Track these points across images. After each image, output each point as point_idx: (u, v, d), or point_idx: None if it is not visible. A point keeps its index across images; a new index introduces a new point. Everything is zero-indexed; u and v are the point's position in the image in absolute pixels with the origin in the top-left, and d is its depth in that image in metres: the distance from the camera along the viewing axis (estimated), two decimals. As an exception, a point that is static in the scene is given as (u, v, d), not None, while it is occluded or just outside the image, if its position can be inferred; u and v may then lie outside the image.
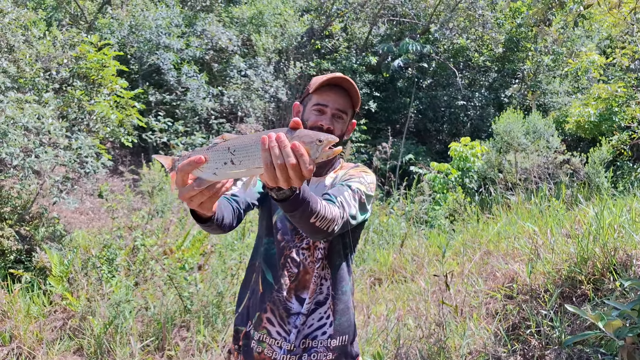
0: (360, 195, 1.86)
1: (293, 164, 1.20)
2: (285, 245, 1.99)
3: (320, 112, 1.96)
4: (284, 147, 1.20)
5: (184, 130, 12.52)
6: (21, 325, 4.37)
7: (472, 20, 16.64)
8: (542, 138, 10.79)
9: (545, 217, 5.64)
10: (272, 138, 1.21)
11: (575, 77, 17.01)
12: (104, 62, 7.40)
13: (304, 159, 1.21)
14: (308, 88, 2.05)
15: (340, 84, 1.96)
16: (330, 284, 1.99)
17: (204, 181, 1.30)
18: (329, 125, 1.93)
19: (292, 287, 1.97)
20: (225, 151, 1.26)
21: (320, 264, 1.97)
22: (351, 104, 2.01)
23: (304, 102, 2.06)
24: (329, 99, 1.96)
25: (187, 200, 1.34)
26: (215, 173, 1.28)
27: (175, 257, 5.01)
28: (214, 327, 4.34)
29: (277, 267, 1.99)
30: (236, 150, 1.25)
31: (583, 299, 3.52)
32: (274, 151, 1.20)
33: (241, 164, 1.25)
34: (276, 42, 15.45)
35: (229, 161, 1.25)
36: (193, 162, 1.26)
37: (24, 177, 6.62)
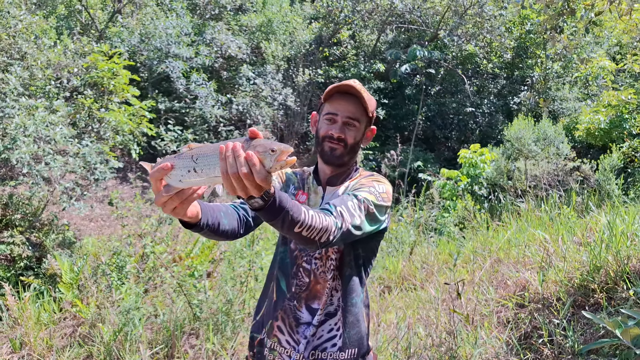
0: (368, 205, 1.80)
1: (245, 174, 1.21)
2: (298, 255, 1.99)
3: (331, 121, 1.95)
4: (238, 157, 1.22)
5: (192, 138, 12.57)
6: (31, 332, 4.38)
7: (480, 27, 16.63)
8: (552, 145, 10.73)
9: (556, 225, 5.59)
10: (229, 148, 1.23)
11: (585, 84, 16.93)
12: (115, 70, 7.47)
13: (256, 169, 1.22)
14: (321, 97, 2.04)
15: (348, 91, 1.94)
16: (341, 296, 1.97)
17: (171, 188, 1.32)
18: (339, 134, 1.92)
19: (303, 296, 1.96)
20: (189, 159, 1.28)
21: (332, 275, 1.95)
22: (363, 110, 1.97)
23: (320, 112, 2.06)
24: (339, 107, 1.94)
25: (161, 205, 1.36)
26: (180, 180, 1.30)
27: (185, 265, 5.02)
28: (223, 334, 4.33)
29: (290, 275, 1.99)
30: (198, 158, 1.28)
31: (596, 307, 3.48)
32: (229, 160, 1.23)
33: (203, 172, 1.28)
34: (285, 50, 15.51)
35: (192, 169, 1.28)
36: (160, 169, 1.29)
37: (34, 184, 6.67)
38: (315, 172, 2.12)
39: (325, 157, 1.98)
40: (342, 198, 1.77)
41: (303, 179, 2.13)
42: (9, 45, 7.28)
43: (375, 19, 17.03)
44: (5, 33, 7.24)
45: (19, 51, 7.41)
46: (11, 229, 6.85)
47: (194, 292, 4.61)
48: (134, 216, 5.67)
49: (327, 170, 2.03)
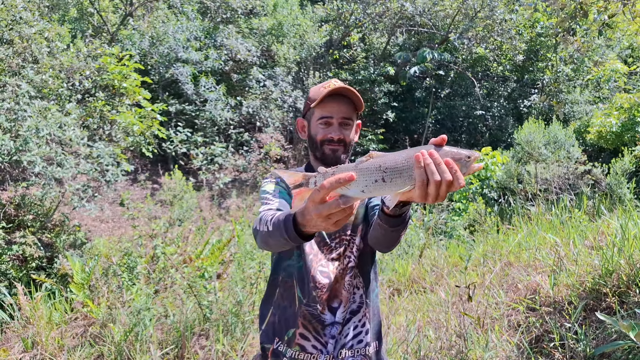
0: None
1: (449, 181, 1.20)
2: (314, 259, 1.98)
3: (327, 124, 1.96)
4: (439, 164, 1.20)
5: (202, 140, 12.66)
6: (43, 331, 4.42)
7: (490, 29, 16.58)
8: (563, 148, 10.66)
9: (567, 229, 5.55)
10: (426, 155, 1.21)
11: (596, 87, 16.82)
12: (126, 73, 7.53)
13: (458, 175, 1.21)
14: (308, 102, 2.03)
15: (340, 92, 1.94)
16: (363, 292, 2.00)
17: (350, 198, 1.28)
18: (339, 136, 1.95)
19: (325, 297, 1.95)
20: (377, 169, 1.26)
21: (352, 273, 1.97)
22: (354, 109, 1.99)
23: (307, 117, 2.05)
24: (333, 109, 1.95)
25: (324, 218, 1.30)
26: (363, 191, 1.27)
27: (195, 266, 5.04)
28: (233, 336, 4.34)
29: (306, 280, 1.96)
30: (388, 168, 1.25)
31: (608, 312, 3.45)
32: (430, 168, 1.20)
33: (392, 181, 1.25)
34: (295, 52, 15.55)
35: (380, 179, 1.26)
36: (344, 180, 1.24)
37: (46, 185, 6.74)
38: None
39: (327, 160, 1.97)
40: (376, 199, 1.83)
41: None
42: (23, 49, 7.36)
43: (385, 22, 17.03)
44: (19, 37, 7.32)
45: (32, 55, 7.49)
46: (23, 229, 6.93)
47: (204, 293, 4.63)
48: (144, 217, 5.71)
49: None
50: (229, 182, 12.45)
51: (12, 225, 6.92)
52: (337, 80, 1.99)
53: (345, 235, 1.99)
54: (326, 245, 1.97)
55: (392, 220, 1.47)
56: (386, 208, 1.53)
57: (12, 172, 7.26)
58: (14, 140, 6.19)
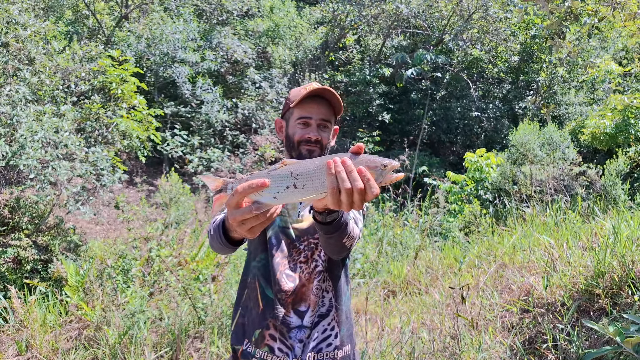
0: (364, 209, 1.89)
1: (360, 188, 1.20)
2: (281, 262, 1.97)
3: (305, 124, 1.96)
4: (351, 172, 1.21)
5: (198, 143, 12.65)
6: (37, 334, 4.41)
7: (485, 30, 16.64)
8: (558, 150, 10.70)
9: (561, 230, 5.58)
10: (338, 162, 1.21)
11: (591, 88, 16.90)
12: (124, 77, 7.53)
13: (371, 183, 1.21)
14: (288, 102, 2.03)
15: (321, 94, 1.95)
16: (333, 296, 1.99)
17: (262, 205, 1.28)
18: (316, 137, 1.95)
19: (290, 301, 1.94)
20: (288, 175, 1.25)
21: (321, 277, 1.97)
22: (333, 112, 2.00)
23: (286, 117, 2.05)
24: (312, 110, 1.95)
25: (238, 223, 1.30)
26: (275, 197, 1.27)
27: (190, 268, 5.04)
28: (228, 338, 4.34)
29: (271, 282, 1.96)
30: (299, 174, 1.25)
31: (601, 313, 3.47)
32: (341, 175, 1.20)
33: (304, 188, 1.25)
34: (291, 54, 15.57)
35: (291, 185, 1.25)
36: (256, 185, 1.24)
37: (41, 188, 6.72)
38: None
39: None
40: None
41: None
42: (18, 50, 7.35)
43: (381, 24, 17.08)
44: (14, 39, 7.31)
45: (27, 56, 7.47)
46: (17, 232, 6.90)
47: (199, 296, 4.63)
48: (139, 220, 5.70)
49: None
50: (225, 184, 12.40)
51: (7, 228, 6.90)
52: (317, 83, 2.02)
53: (313, 238, 1.98)
54: (295, 248, 1.97)
55: (323, 227, 1.45)
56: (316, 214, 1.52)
57: (6, 174, 7.23)
58: (10, 145, 6.18)
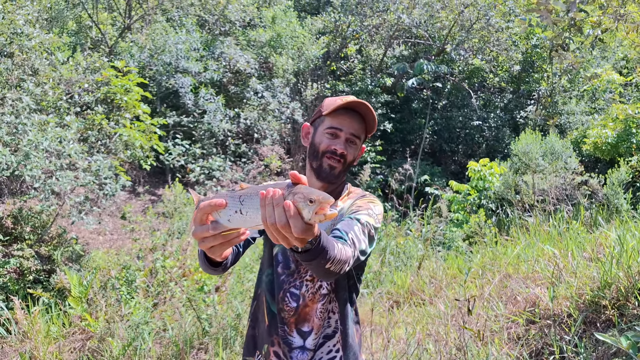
0: (370, 228, 1.77)
1: (282, 226, 1.13)
2: (285, 279, 1.91)
3: (333, 135, 1.87)
4: (276, 206, 1.14)
5: (200, 153, 12.68)
6: (41, 346, 4.40)
7: (486, 40, 16.71)
8: (560, 159, 10.71)
9: (566, 240, 5.56)
10: (269, 195, 1.15)
11: (592, 98, 16.93)
12: (128, 87, 7.58)
13: (293, 221, 1.12)
14: (320, 110, 1.95)
15: (356, 108, 1.88)
16: (339, 318, 1.92)
17: (219, 226, 1.25)
18: (342, 150, 1.86)
19: (292, 320, 1.89)
20: (237, 199, 1.21)
21: (327, 299, 1.89)
22: (365, 129, 1.93)
23: (315, 124, 1.97)
24: (345, 123, 1.87)
25: (199, 240, 1.28)
26: (229, 220, 1.23)
27: (194, 279, 5.03)
28: (232, 349, 4.33)
29: (277, 300, 1.91)
30: (244, 200, 1.21)
31: (607, 324, 3.46)
32: (267, 209, 1.15)
33: (247, 214, 1.20)
34: (293, 64, 15.65)
35: (238, 210, 1.21)
36: (213, 205, 1.21)
37: (44, 198, 6.73)
38: None
39: (322, 174, 1.89)
40: (348, 223, 1.72)
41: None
42: (22, 61, 7.39)
43: (382, 34, 17.16)
44: (18, 49, 7.36)
45: (31, 67, 7.52)
46: (20, 242, 6.90)
47: (203, 307, 4.62)
48: (144, 230, 5.70)
49: (317, 188, 1.89)
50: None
51: (9, 238, 6.90)
52: (354, 97, 1.91)
53: None
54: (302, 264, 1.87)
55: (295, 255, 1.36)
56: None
57: (10, 185, 7.25)
58: (14, 154, 6.20)
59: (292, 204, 1.13)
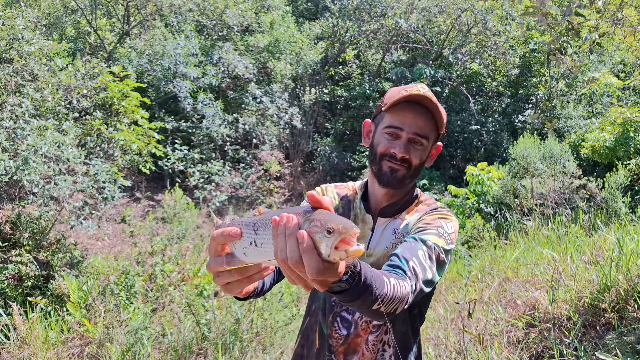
0: (439, 252, 1.45)
1: (294, 263, 0.88)
2: (337, 302, 1.64)
3: (393, 136, 1.58)
4: (289, 237, 0.89)
5: (199, 157, 12.70)
6: (39, 352, 4.38)
7: (484, 44, 16.78)
8: (558, 163, 10.73)
9: (565, 244, 5.57)
10: (282, 222, 0.90)
11: (590, 102, 16.99)
12: (126, 92, 7.59)
13: (308, 257, 0.87)
14: (381, 104, 1.66)
15: (420, 102, 1.56)
16: (394, 352, 1.62)
17: (234, 260, 1.01)
18: (403, 154, 1.56)
19: (341, 350, 1.63)
20: (251, 228, 0.97)
21: (380, 330, 1.62)
22: (434, 126, 1.61)
23: (376, 121, 1.69)
24: (406, 120, 1.56)
25: (214, 274, 1.06)
26: (245, 253, 1.00)
27: (193, 284, 5.02)
28: (232, 354, 4.31)
29: (328, 323, 1.66)
30: (259, 229, 0.96)
31: (607, 327, 3.45)
32: (280, 241, 0.90)
33: (262, 247, 0.96)
34: (292, 69, 15.69)
35: (253, 241, 0.97)
36: (227, 235, 0.98)
37: (43, 203, 6.73)
38: (365, 194, 1.74)
39: (383, 179, 1.61)
40: (410, 247, 1.41)
41: (349, 201, 1.75)
42: (22, 67, 7.40)
43: (380, 39, 17.21)
44: (18, 55, 7.38)
45: (30, 73, 7.53)
46: (19, 248, 6.89)
47: (202, 312, 4.61)
48: (144, 235, 5.70)
49: (381, 195, 1.67)
50: (226, 199, 12.45)
51: (8, 244, 6.89)
52: (424, 86, 1.59)
53: None
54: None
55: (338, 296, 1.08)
56: None
57: (8, 190, 7.24)
58: (13, 160, 6.20)
59: (307, 234, 0.88)
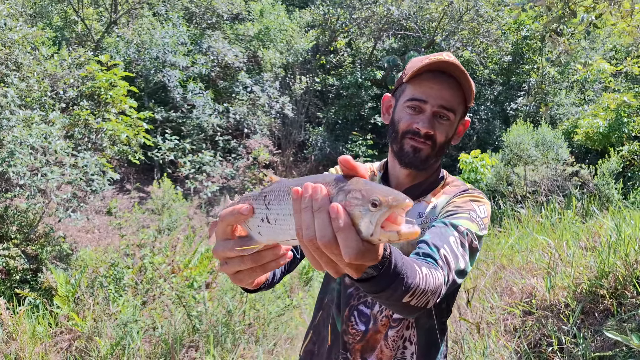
0: (472, 239, 1.30)
1: (326, 244, 0.70)
2: (354, 294, 1.48)
3: (416, 109, 1.41)
4: (318, 212, 0.71)
5: (190, 148, 12.55)
6: (26, 346, 4.28)
7: (476, 32, 16.68)
8: (551, 150, 10.70)
9: (559, 230, 5.53)
10: (307, 193, 0.72)
11: (582, 89, 16.98)
12: (113, 81, 7.42)
13: (344, 237, 0.69)
14: (402, 75, 1.48)
15: (446, 70, 1.39)
16: (416, 350, 1.46)
17: (247, 242, 0.83)
18: (427, 130, 1.39)
19: (358, 347, 1.47)
20: (261, 202, 0.80)
21: (401, 325, 1.45)
22: (462, 98, 1.43)
23: (396, 95, 1.51)
24: (430, 91, 1.39)
25: (222, 260, 0.88)
26: (259, 232, 0.82)
27: (183, 275, 4.93)
28: (224, 347, 4.23)
29: (342, 318, 1.50)
30: (270, 202, 0.79)
31: (606, 314, 3.40)
32: (304, 217, 0.72)
33: (277, 223, 0.78)
34: (282, 57, 15.53)
35: (265, 218, 0.80)
36: (236, 213, 0.81)
37: (30, 196, 6.59)
38: (385, 175, 1.60)
39: (404, 159, 1.44)
40: (440, 232, 1.25)
41: None
42: (6, 56, 7.21)
43: (372, 27, 17.07)
44: (1, 43, 7.18)
45: (15, 62, 7.34)
46: (6, 241, 6.76)
47: (193, 304, 4.52)
48: (132, 226, 5.59)
49: (403, 176, 1.51)
50: (217, 189, 12.33)
51: (-5, 238, 6.75)
52: (450, 54, 1.40)
53: None
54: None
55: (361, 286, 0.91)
56: None
57: (-6, 183, 7.09)
58: (-2, 151, 6.06)
59: (343, 208, 0.70)
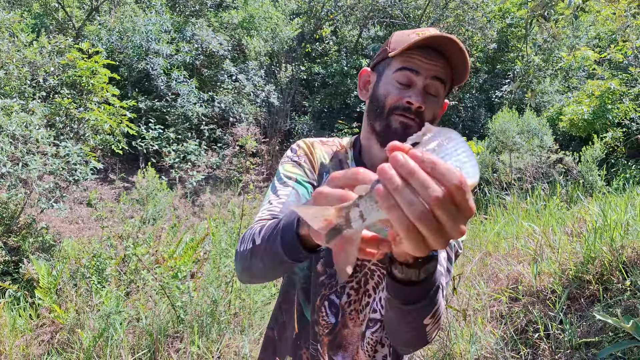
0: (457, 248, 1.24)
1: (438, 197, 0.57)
2: (326, 282, 1.30)
3: (407, 82, 1.22)
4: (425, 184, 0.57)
5: (175, 137, 12.39)
6: (7, 340, 4.20)
7: (462, 19, 16.66)
8: (536, 137, 10.75)
9: (545, 217, 5.55)
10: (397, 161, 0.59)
11: (565, 76, 17.07)
12: (95, 69, 7.26)
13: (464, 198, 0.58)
14: (387, 49, 1.28)
15: (440, 47, 1.20)
16: (389, 353, 1.32)
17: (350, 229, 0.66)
18: (419, 103, 1.19)
19: (326, 341, 1.32)
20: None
21: (378, 326, 1.29)
22: (451, 76, 1.25)
23: (378, 69, 1.30)
24: (422, 64, 1.20)
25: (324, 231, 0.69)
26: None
27: (168, 266, 4.86)
28: (209, 337, 4.18)
29: (313, 307, 1.33)
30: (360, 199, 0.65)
31: (592, 299, 3.41)
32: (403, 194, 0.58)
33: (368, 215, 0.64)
34: (267, 46, 15.37)
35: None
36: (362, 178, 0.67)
37: (11, 186, 6.46)
38: (358, 156, 1.40)
39: (391, 137, 1.17)
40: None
41: (339, 160, 1.41)
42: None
43: (357, 14, 16.96)
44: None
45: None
46: (-13, 233, 6.62)
47: (177, 294, 4.46)
48: (115, 217, 5.49)
49: (382, 158, 1.27)
50: (203, 179, 12.22)
51: (-25, 230, 6.61)
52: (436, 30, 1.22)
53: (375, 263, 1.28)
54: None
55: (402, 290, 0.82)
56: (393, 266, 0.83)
57: (-27, 173, 6.93)
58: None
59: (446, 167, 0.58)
